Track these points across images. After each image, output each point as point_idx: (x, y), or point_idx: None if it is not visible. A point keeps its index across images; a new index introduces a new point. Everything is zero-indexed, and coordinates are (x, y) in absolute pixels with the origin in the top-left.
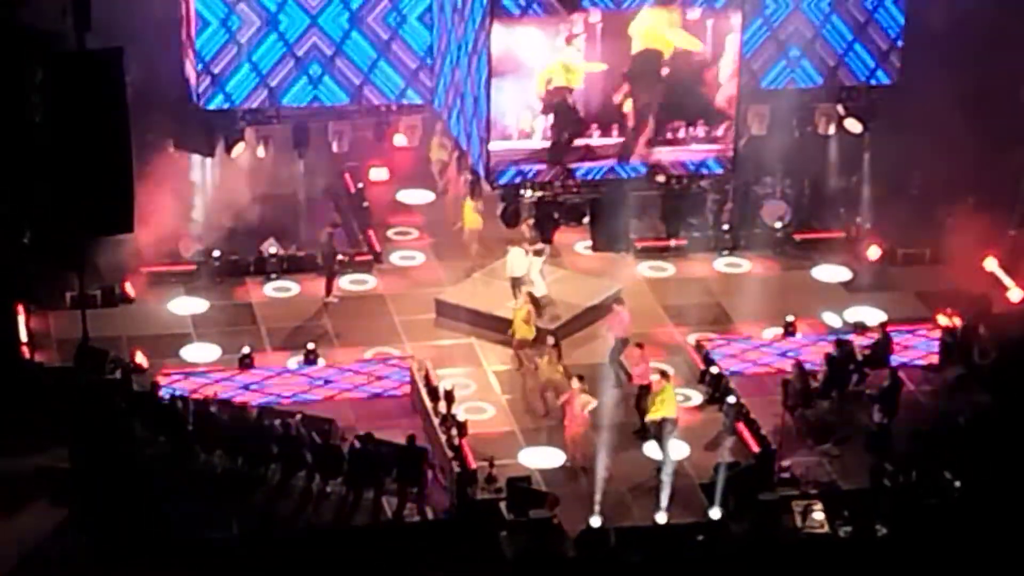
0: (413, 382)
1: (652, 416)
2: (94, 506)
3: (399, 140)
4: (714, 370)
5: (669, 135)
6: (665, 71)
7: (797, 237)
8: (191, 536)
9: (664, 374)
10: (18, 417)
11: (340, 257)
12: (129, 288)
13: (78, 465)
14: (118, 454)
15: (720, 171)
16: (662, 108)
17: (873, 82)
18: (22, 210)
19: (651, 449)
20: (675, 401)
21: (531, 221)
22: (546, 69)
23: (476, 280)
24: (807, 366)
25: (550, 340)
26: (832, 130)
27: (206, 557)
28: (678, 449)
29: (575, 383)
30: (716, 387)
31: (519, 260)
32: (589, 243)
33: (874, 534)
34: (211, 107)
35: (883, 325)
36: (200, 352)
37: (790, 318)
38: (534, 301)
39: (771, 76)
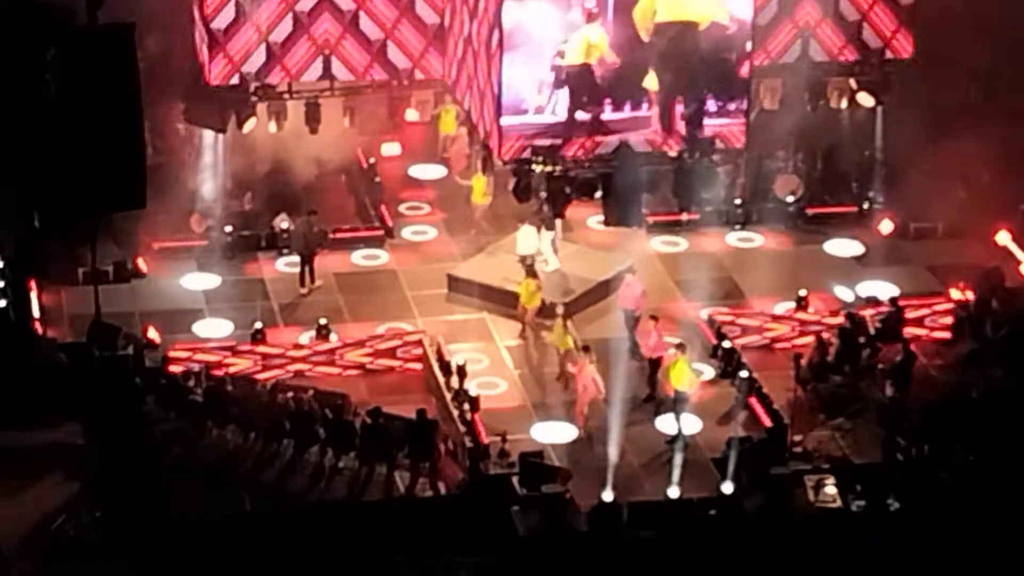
0: (426, 357)
1: (668, 388)
2: (107, 481)
3: (411, 115)
4: (726, 344)
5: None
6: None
7: (809, 211)
8: (203, 512)
9: (680, 347)
10: (32, 392)
11: (321, 244)
12: (141, 263)
13: (92, 441)
14: (130, 430)
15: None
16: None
17: (886, 56)
18: (34, 187)
19: (664, 423)
20: (689, 374)
21: (543, 195)
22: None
23: (488, 255)
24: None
25: (559, 310)
26: (845, 104)
27: (218, 532)
28: (691, 424)
29: (583, 354)
30: (728, 361)
31: (529, 238)
32: (601, 218)
33: (886, 508)
34: (223, 83)
35: (895, 299)
36: (212, 327)
37: (802, 292)
38: (531, 274)
39: (784, 50)
